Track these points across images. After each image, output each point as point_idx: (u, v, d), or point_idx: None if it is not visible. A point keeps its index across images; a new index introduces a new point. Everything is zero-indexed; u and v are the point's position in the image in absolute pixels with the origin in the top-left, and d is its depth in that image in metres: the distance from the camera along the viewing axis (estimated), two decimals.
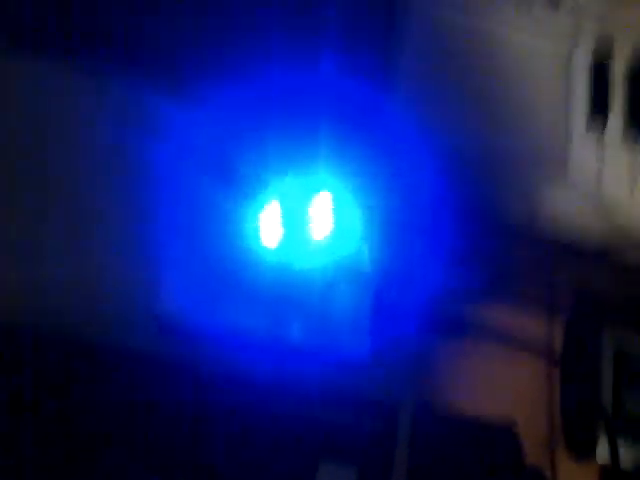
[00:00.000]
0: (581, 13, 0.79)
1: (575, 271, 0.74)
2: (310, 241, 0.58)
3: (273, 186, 0.58)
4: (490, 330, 0.65)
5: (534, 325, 0.71)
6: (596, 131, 0.78)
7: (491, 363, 0.67)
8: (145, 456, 0.54)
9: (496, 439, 0.64)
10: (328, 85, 0.65)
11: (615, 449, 0.63)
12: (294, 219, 0.58)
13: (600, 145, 0.78)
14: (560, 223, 0.75)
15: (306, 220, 0.58)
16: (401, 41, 0.74)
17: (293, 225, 0.58)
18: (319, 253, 0.58)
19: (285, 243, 0.57)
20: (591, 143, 0.78)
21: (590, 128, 0.78)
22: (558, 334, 0.71)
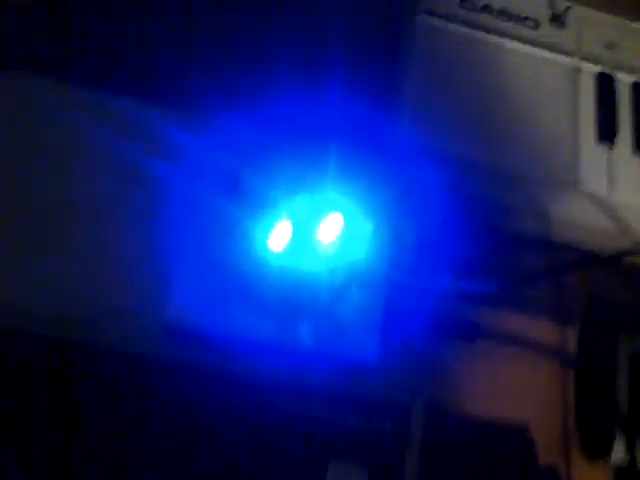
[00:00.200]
0: (587, 28, 0.81)
1: (588, 276, 0.75)
2: (319, 245, 0.59)
3: (283, 200, 0.60)
4: (502, 333, 0.66)
5: (547, 328, 0.72)
6: (605, 141, 0.79)
7: (504, 366, 0.68)
8: (154, 459, 0.55)
9: (509, 441, 0.65)
10: (334, 105, 0.67)
11: (632, 449, 0.63)
12: (303, 224, 0.59)
13: (610, 154, 0.79)
14: (572, 231, 0.76)
15: (315, 224, 0.59)
16: (407, 57, 0.76)
17: (302, 229, 0.59)
18: (328, 257, 0.59)
19: (293, 247, 0.59)
20: (601, 153, 0.79)
21: (599, 138, 0.79)
22: (572, 337, 0.72)
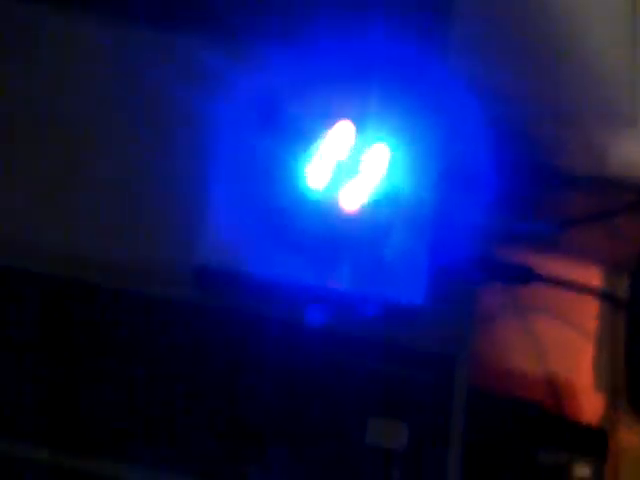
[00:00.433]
0: None
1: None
2: (361, 184, 0.54)
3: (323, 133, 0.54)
4: (551, 282, 0.61)
5: (596, 278, 0.67)
6: None
7: (551, 316, 0.63)
8: (184, 407, 0.51)
9: (555, 396, 0.61)
10: (377, 37, 0.61)
11: None
12: (346, 159, 0.54)
13: None
14: (629, 169, 0.71)
15: (359, 158, 0.54)
16: None
17: (344, 165, 0.54)
18: (371, 194, 0.54)
19: (335, 184, 0.53)
20: None
21: None
22: (622, 288, 0.67)
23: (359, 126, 0.54)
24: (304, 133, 0.54)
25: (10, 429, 0.50)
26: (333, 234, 0.53)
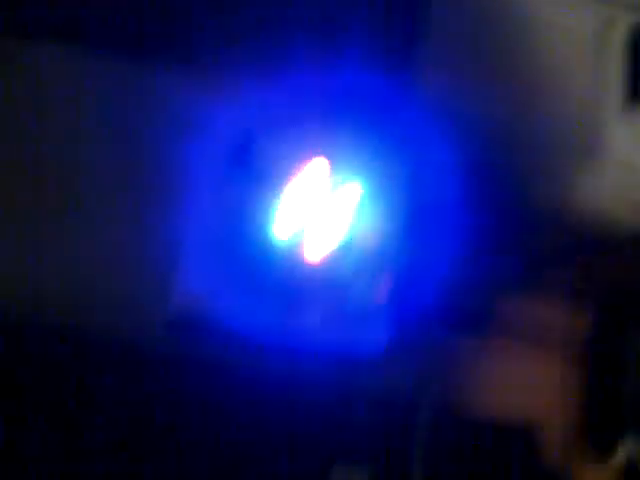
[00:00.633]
0: None
1: (604, 261, 0.72)
2: (329, 233, 0.55)
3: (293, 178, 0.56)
4: (515, 325, 0.63)
5: (560, 318, 0.69)
6: (631, 113, 0.75)
7: (513, 360, 0.65)
8: (154, 453, 0.53)
9: (517, 438, 0.63)
10: (350, 77, 0.63)
11: (635, 450, 0.61)
12: (313, 211, 0.56)
13: (635, 128, 0.75)
14: (591, 210, 0.72)
15: (325, 212, 0.56)
16: (425, 25, 0.71)
17: (311, 217, 0.56)
18: (337, 246, 0.56)
19: (302, 234, 0.55)
20: (626, 126, 0.75)
21: (625, 109, 0.75)
22: (585, 326, 0.69)
23: (330, 167, 0.57)
24: (275, 176, 0.56)
25: None
26: (298, 283, 0.55)
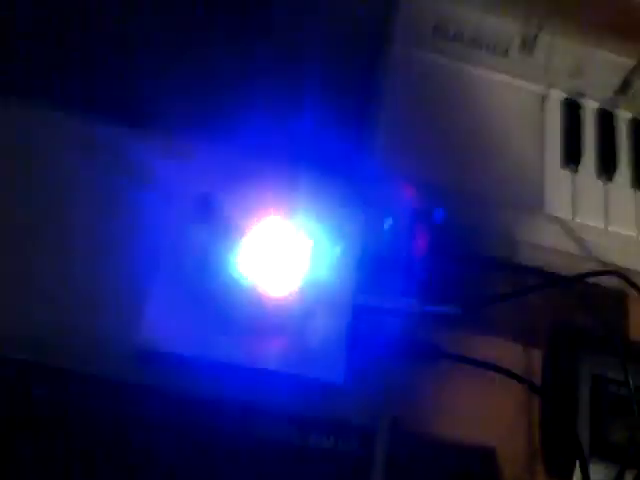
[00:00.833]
0: (555, 55, 0.82)
1: (552, 299, 0.76)
2: (285, 273, 0.60)
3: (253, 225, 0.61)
4: (468, 355, 0.67)
5: (512, 351, 0.73)
6: (570, 167, 0.81)
7: (469, 388, 0.69)
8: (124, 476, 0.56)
9: (474, 463, 0.66)
10: (307, 134, 0.69)
11: (586, 472, 0.64)
12: (273, 249, 0.60)
13: (574, 179, 0.81)
14: (537, 253, 0.77)
15: (284, 248, 0.60)
16: (380, 85, 0.78)
17: (271, 254, 0.60)
18: (295, 284, 0.60)
19: (263, 272, 0.60)
20: (566, 178, 0.81)
21: (564, 164, 0.81)
22: (537, 359, 0.73)
23: (286, 217, 0.61)
24: (235, 225, 0.61)
25: None
26: (259, 319, 0.59)
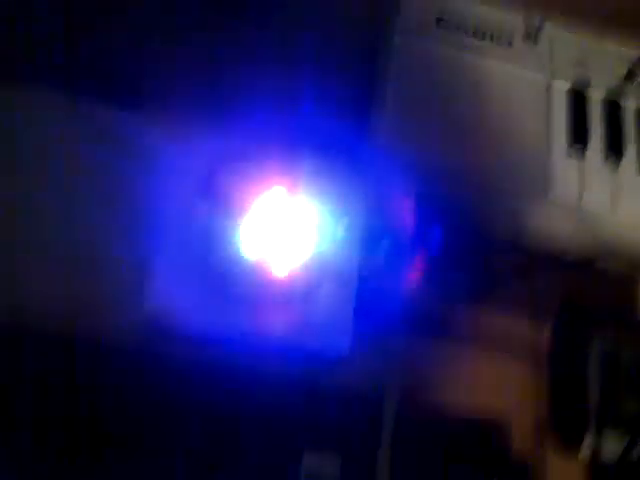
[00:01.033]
0: (559, 45, 0.84)
1: (559, 280, 0.77)
2: (291, 247, 0.61)
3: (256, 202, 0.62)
4: (475, 331, 0.68)
5: (519, 327, 0.74)
6: (577, 153, 0.82)
7: (477, 363, 0.70)
8: (134, 448, 0.57)
9: (482, 434, 0.66)
10: (309, 119, 0.71)
11: (598, 443, 0.64)
12: (277, 231, 0.62)
13: (581, 166, 0.81)
14: (544, 237, 0.78)
15: (289, 233, 0.62)
16: (383, 75, 0.79)
17: (276, 237, 0.62)
18: (302, 258, 0.62)
19: (269, 247, 0.61)
20: (572, 164, 0.82)
21: (571, 151, 0.82)
22: (543, 335, 0.74)
23: (291, 192, 0.63)
24: (240, 198, 0.62)
25: None
26: (266, 291, 0.60)
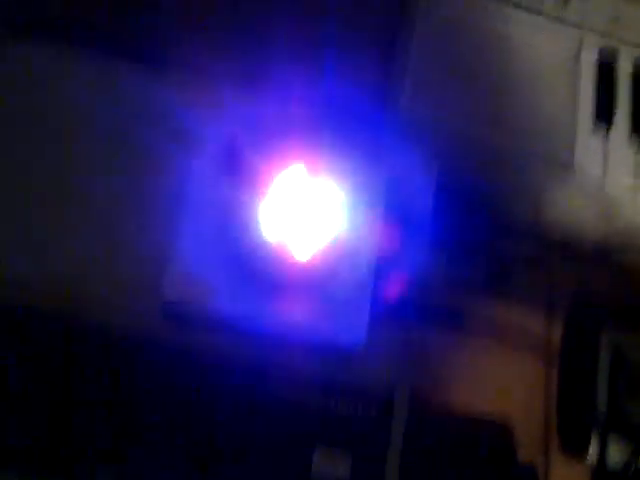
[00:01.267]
0: (589, 13, 0.79)
1: (575, 270, 0.75)
2: (310, 232, 0.58)
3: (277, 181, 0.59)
4: (488, 325, 0.66)
5: (532, 322, 0.72)
6: (601, 132, 0.79)
7: (488, 357, 0.68)
8: (149, 439, 0.55)
9: (490, 434, 0.65)
10: (331, 90, 0.67)
11: (604, 448, 0.63)
12: (298, 213, 0.59)
13: (605, 146, 0.78)
14: (562, 222, 0.76)
15: (309, 215, 0.59)
16: (406, 43, 0.75)
17: (297, 219, 0.59)
18: (320, 244, 0.59)
19: (288, 232, 0.58)
20: (596, 144, 0.78)
21: (596, 129, 0.79)
22: (556, 332, 0.72)
23: (310, 171, 0.59)
24: (260, 177, 0.59)
25: None
26: (284, 277, 0.58)
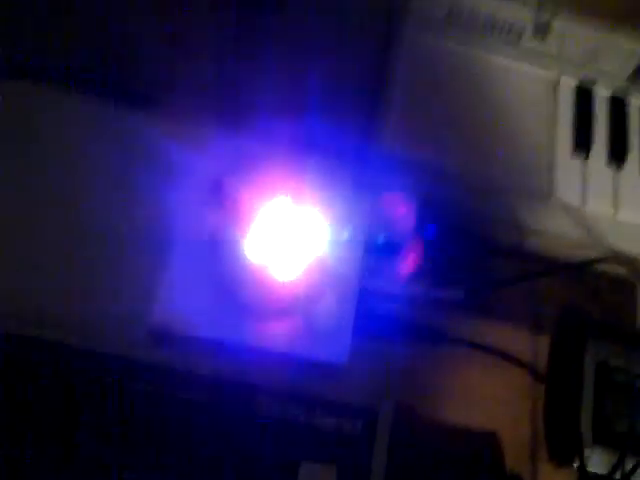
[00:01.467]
0: (567, 45, 0.83)
1: (559, 286, 0.77)
2: (294, 256, 0.61)
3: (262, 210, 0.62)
4: (474, 340, 0.68)
5: (518, 337, 0.74)
6: (580, 155, 0.81)
7: (474, 373, 0.70)
8: (138, 459, 0.57)
9: (476, 446, 0.67)
10: (315, 124, 0.70)
11: (589, 460, 0.65)
12: (281, 238, 0.62)
13: (584, 166, 0.81)
14: (545, 240, 0.78)
15: (292, 240, 0.61)
16: (389, 78, 0.78)
17: (280, 243, 0.61)
18: (304, 267, 0.61)
19: (272, 256, 0.61)
20: (576, 166, 0.81)
21: (575, 152, 0.81)
22: (542, 346, 0.74)
23: (295, 200, 0.62)
24: (245, 208, 0.62)
25: None
26: (268, 300, 0.60)
